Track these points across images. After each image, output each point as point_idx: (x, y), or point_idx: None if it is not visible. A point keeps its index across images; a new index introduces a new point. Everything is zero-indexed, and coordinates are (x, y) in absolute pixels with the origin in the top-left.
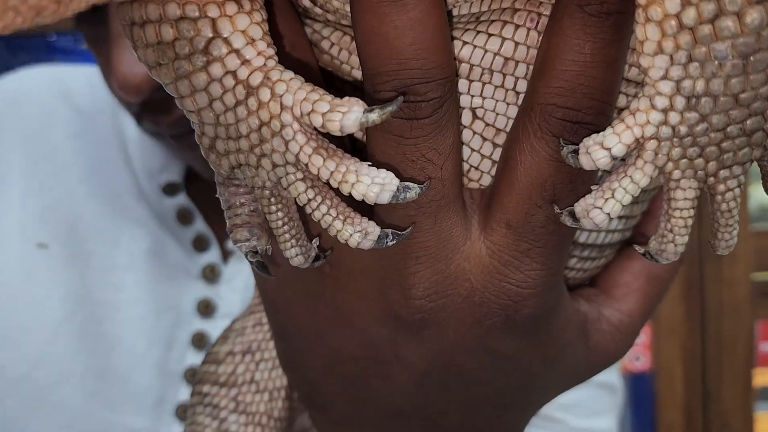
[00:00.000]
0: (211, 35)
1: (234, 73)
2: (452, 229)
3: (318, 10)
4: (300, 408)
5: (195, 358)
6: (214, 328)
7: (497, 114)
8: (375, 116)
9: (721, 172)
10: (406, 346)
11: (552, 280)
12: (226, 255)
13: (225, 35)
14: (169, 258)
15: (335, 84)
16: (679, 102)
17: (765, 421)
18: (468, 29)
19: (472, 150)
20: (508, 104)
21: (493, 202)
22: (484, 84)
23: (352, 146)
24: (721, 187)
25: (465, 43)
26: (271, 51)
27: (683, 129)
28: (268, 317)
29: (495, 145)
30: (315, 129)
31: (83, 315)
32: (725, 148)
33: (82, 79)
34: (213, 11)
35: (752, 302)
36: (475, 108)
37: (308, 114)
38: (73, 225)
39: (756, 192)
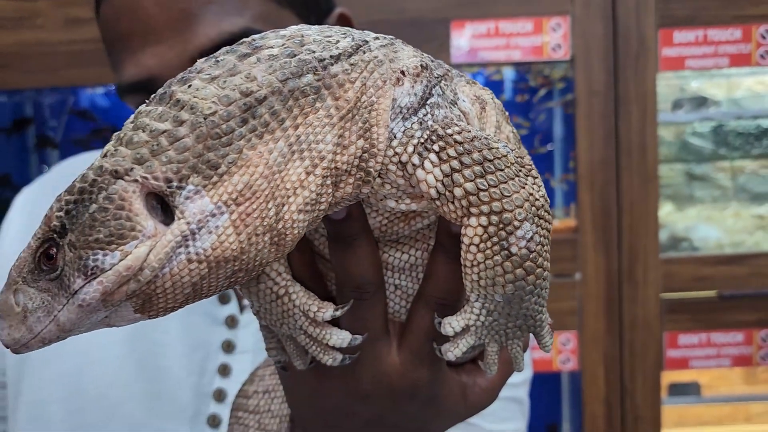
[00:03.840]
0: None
1: (269, 288)
2: (381, 348)
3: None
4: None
5: (221, 383)
6: (234, 361)
7: (409, 288)
8: (338, 313)
9: (508, 341)
10: (358, 406)
11: (436, 376)
12: (242, 307)
13: (271, 276)
14: (201, 309)
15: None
16: (483, 312)
17: (670, 412)
18: (392, 246)
19: (396, 304)
20: (414, 285)
21: (404, 335)
22: (401, 274)
23: None
24: (509, 347)
25: (390, 254)
26: (288, 276)
27: (487, 322)
28: (281, 381)
29: (408, 303)
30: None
31: (141, 350)
32: (508, 332)
33: None
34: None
35: (661, 317)
36: (397, 284)
37: (306, 311)
38: None
39: (666, 224)
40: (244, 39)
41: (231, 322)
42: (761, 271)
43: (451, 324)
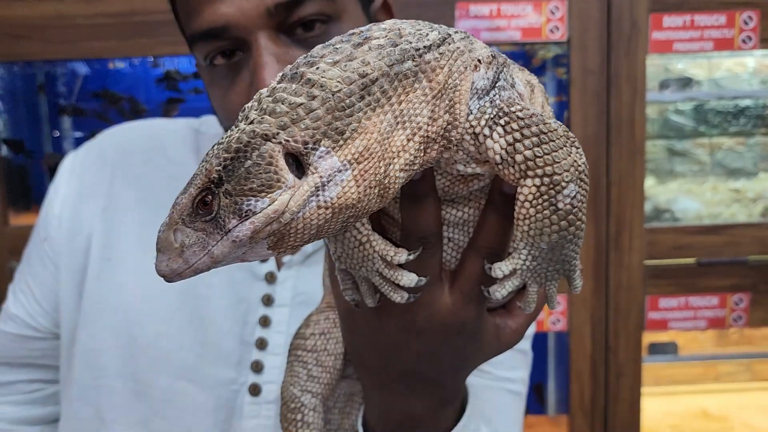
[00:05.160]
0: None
1: (354, 236)
2: (436, 290)
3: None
4: (350, 363)
5: (262, 333)
6: (274, 313)
7: (460, 241)
8: (412, 257)
9: (547, 282)
10: (413, 341)
11: (480, 315)
12: (279, 264)
13: (356, 226)
14: (243, 266)
15: (389, 218)
16: (530, 257)
17: (650, 370)
18: (450, 204)
19: (447, 254)
20: (464, 238)
21: (456, 279)
22: (454, 228)
23: None
24: (547, 288)
25: (447, 211)
26: (369, 227)
27: (531, 266)
28: (341, 322)
29: (458, 254)
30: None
31: (189, 304)
32: (548, 275)
33: (172, 134)
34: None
35: (643, 282)
36: (450, 237)
37: (384, 255)
38: None
39: (649, 197)
40: (353, 30)
41: (270, 278)
42: (736, 240)
43: (501, 268)
